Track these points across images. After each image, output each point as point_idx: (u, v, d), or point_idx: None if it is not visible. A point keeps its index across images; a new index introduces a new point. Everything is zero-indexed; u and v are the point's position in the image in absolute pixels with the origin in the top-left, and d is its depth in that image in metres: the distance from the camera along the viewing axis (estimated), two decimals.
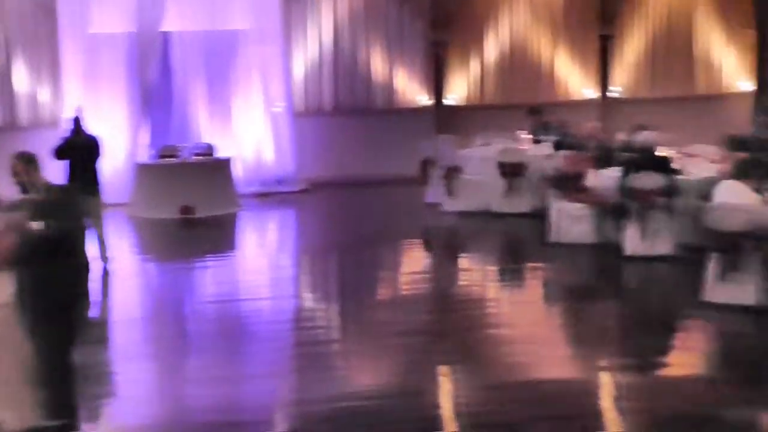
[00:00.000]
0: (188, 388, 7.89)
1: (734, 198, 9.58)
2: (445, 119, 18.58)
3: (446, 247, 13.86)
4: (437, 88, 18.82)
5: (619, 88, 18.78)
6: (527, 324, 9.54)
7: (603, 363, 8.18)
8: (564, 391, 7.48)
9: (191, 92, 18.27)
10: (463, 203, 15.21)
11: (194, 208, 15.93)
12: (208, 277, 12.12)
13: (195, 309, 10.61)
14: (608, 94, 18.76)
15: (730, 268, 9.45)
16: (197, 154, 16.90)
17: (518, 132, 15.89)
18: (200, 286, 11.78)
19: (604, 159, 13.03)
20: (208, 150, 17.09)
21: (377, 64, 18.78)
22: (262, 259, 13.48)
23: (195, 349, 9.08)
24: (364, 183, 18.46)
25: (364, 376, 8.08)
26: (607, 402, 7.46)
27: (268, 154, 18.49)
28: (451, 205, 15.35)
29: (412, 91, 18.88)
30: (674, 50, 18.92)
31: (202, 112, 18.32)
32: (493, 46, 18.77)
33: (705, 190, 10.58)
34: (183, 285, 11.80)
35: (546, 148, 14.90)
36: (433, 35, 18.66)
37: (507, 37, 18.72)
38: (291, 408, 7.35)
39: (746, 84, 18.92)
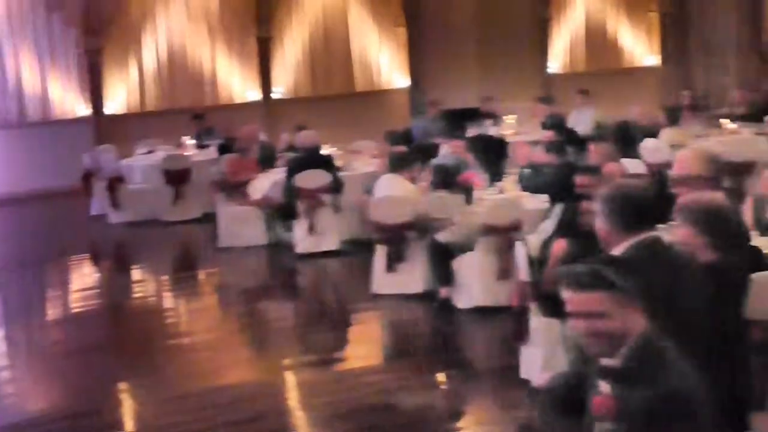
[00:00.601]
0: None
1: (394, 191, 9.94)
2: (105, 129, 18.01)
3: (116, 260, 13.46)
4: (95, 97, 18.23)
5: (282, 89, 19.02)
6: (207, 330, 9.47)
7: (285, 362, 8.26)
8: (249, 393, 7.49)
9: None
10: (129, 214, 14.81)
11: None
12: None
13: None
14: (271, 95, 18.95)
15: (396, 259, 9.80)
16: None
17: (182, 138, 15.71)
18: None
19: (268, 160, 13.15)
20: None
21: (28, 74, 17.92)
22: None
23: None
24: (23, 199, 17.52)
25: (37, 401, 7.70)
26: (292, 400, 7.55)
27: None
28: (117, 217, 14.91)
29: (69, 101, 18.19)
30: (332, 50, 19.39)
31: None
32: (151, 52, 18.43)
33: (367, 185, 10.93)
34: None
35: (211, 152, 14.84)
36: (87, 43, 18.06)
37: (165, 42, 18.46)
38: None
39: (402, 80, 19.72)
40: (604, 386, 3.50)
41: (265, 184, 12.57)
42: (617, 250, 4.34)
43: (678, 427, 3.31)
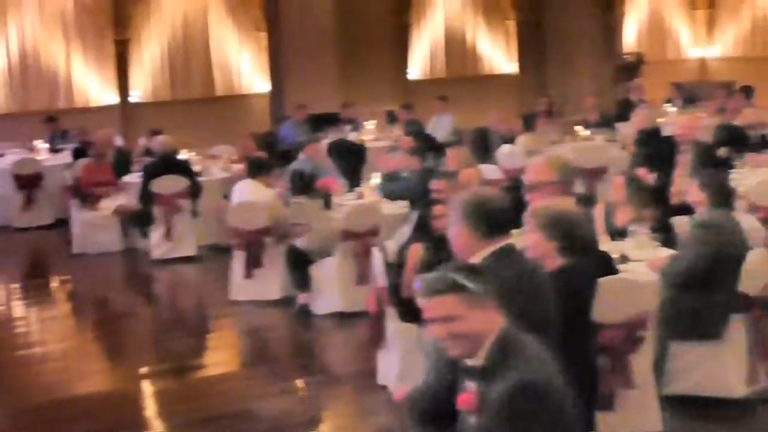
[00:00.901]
0: None
1: (251, 196, 9.88)
2: None
3: None
4: None
5: (140, 93, 18.67)
6: (59, 340, 9.25)
7: (141, 370, 8.12)
8: (104, 404, 7.35)
9: None
10: None
11: None
12: None
13: None
14: (129, 99, 18.59)
15: (254, 264, 9.74)
16: None
17: (35, 141, 15.28)
18: None
19: (123, 166, 12.90)
20: None
21: None
22: None
23: None
24: None
25: None
26: (148, 409, 7.43)
27: None
28: None
29: None
30: (192, 53, 19.10)
31: None
32: (1, 52, 17.86)
33: (226, 190, 10.84)
34: None
35: (65, 157, 14.48)
36: None
37: (17, 42, 17.89)
38: None
39: (262, 85, 19.60)
40: (470, 385, 3.57)
41: (122, 189, 12.36)
42: (475, 259, 4.35)
43: (534, 415, 3.39)
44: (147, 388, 7.83)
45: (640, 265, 6.61)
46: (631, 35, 23.30)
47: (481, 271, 3.66)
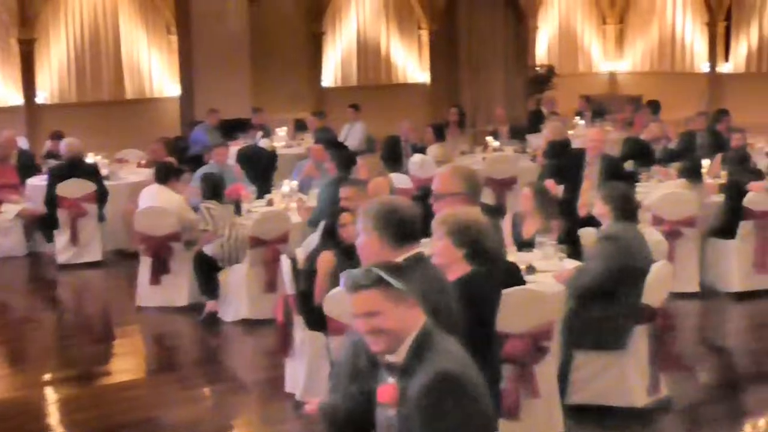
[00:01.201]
0: None
1: (159, 201, 9.77)
2: None
3: None
4: None
5: (46, 94, 18.34)
6: None
7: (44, 377, 7.99)
8: (6, 411, 7.20)
9: None
10: None
11: None
12: None
13: None
14: (35, 100, 18.23)
15: (161, 271, 9.62)
16: None
17: None
18: None
19: (27, 168, 12.63)
20: None
21: None
22: None
23: None
24: None
25: None
26: (51, 417, 7.33)
27: None
28: None
29: None
30: (101, 55, 18.82)
31: None
32: None
33: (135, 195, 10.69)
34: None
35: None
36: None
37: None
38: None
39: (173, 89, 19.41)
40: (390, 380, 3.61)
41: (28, 192, 12.12)
42: None
43: (452, 403, 3.44)
44: (50, 395, 7.70)
45: (547, 276, 6.70)
46: (542, 48, 23.66)
47: (403, 269, 3.69)
